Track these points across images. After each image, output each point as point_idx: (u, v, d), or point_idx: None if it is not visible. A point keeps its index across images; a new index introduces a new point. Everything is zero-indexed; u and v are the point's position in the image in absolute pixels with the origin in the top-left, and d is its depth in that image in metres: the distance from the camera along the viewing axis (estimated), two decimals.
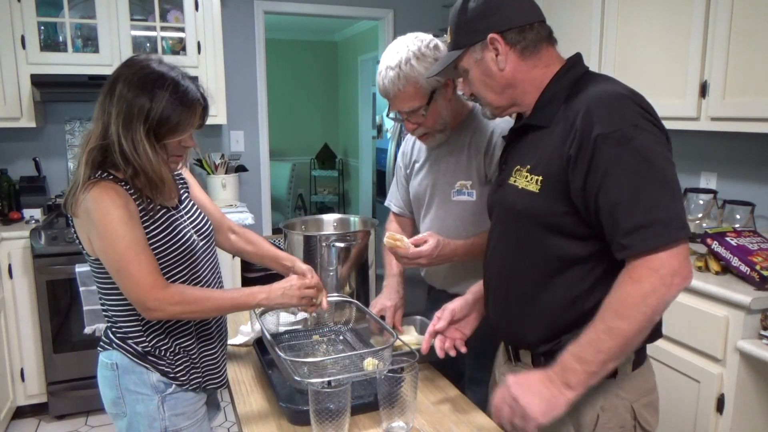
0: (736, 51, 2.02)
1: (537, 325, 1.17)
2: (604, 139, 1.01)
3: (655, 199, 1.00)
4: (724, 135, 2.38)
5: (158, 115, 1.22)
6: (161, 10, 3.20)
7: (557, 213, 1.10)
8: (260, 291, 1.35)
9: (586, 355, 1.02)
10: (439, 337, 1.35)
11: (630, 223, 0.99)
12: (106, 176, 1.25)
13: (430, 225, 1.70)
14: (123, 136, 1.22)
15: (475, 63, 1.20)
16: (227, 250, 1.60)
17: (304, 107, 7.37)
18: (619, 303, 1.00)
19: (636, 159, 1.00)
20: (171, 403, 1.35)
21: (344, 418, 1.16)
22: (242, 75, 3.80)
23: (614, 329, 1.00)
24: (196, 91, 1.29)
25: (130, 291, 1.24)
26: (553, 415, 1.04)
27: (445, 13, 4.18)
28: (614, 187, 1.01)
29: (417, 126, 1.58)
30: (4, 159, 3.28)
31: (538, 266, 1.15)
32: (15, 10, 2.89)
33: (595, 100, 1.06)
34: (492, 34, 1.16)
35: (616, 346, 1.01)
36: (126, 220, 1.22)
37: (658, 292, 0.98)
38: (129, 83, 1.22)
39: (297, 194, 7.25)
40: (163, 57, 1.32)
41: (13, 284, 2.82)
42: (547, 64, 1.18)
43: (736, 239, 1.95)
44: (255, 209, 3.85)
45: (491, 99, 1.23)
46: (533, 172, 1.13)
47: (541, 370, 1.08)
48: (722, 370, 1.84)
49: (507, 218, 1.22)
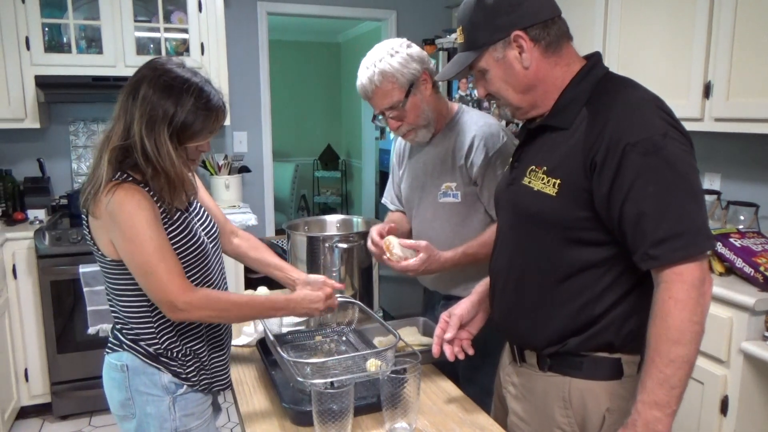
0: (739, 51, 2.01)
1: (545, 328, 1.16)
2: (633, 147, 1.00)
3: (684, 209, 0.99)
4: (727, 136, 2.37)
5: (182, 119, 1.25)
6: (165, 11, 3.20)
7: (574, 218, 1.08)
8: (284, 308, 1.41)
9: (662, 398, 0.99)
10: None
11: (658, 233, 0.99)
12: (127, 178, 1.26)
13: (419, 226, 1.75)
14: (146, 137, 1.23)
15: (496, 62, 1.15)
16: (229, 254, 1.61)
17: (307, 108, 7.38)
18: (671, 330, 0.99)
19: (665, 168, 0.99)
20: (182, 404, 1.36)
21: (347, 418, 1.16)
22: (245, 76, 3.80)
23: (677, 359, 0.98)
24: (218, 98, 1.32)
25: (158, 293, 1.24)
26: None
27: (447, 14, 4.18)
28: (642, 197, 1.00)
29: (400, 123, 1.61)
30: (8, 160, 3.29)
31: (549, 269, 1.14)
32: (19, 11, 2.90)
33: (623, 107, 1.04)
34: (516, 31, 1.11)
35: (685, 374, 1.00)
36: (153, 222, 1.23)
37: (700, 305, 0.99)
38: (154, 86, 1.24)
39: (300, 195, 7.25)
40: (185, 60, 1.34)
41: (18, 285, 2.82)
42: (567, 63, 1.15)
43: (740, 240, 1.95)
44: (258, 210, 3.85)
45: (514, 99, 1.18)
46: (551, 174, 1.11)
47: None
48: (726, 371, 1.83)
49: (518, 219, 1.20)
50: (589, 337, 1.12)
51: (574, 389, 1.15)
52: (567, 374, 1.16)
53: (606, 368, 1.13)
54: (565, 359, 1.16)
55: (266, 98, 3.90)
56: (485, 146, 1.59)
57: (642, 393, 1.01)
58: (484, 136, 1.60)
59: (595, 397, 1.13)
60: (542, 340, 1.17)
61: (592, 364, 1.14)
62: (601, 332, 1.11)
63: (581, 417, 1.15)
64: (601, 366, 1.13)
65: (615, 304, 1.10)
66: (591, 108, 1.09)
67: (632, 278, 1.09)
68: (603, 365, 1.13)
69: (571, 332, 1.13)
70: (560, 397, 1.16)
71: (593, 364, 1.14)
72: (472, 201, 1.63)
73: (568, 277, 1.12)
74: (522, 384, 1.25)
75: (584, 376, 1.14)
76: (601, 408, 1.13)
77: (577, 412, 1.15)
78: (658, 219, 0.99)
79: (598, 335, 1.12)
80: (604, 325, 1.11)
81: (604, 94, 1.09)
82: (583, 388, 1.14)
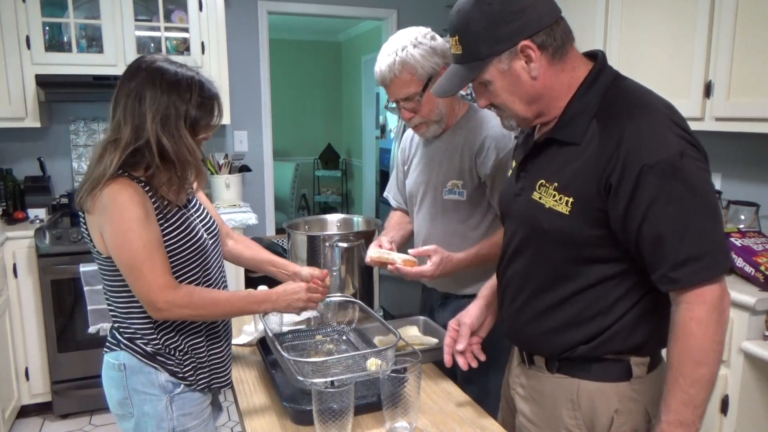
0: (740, 51, 2.01)
1: (556, 338, 1.15)
2: (650, 169, 0.98)
3: (703, 229, 0.98)
4: (728, 135, 2.37)
5: (193, 113, 1.29)
6: (165, 10, 3.20)
7: (587, 236, 1.07)
8: (265, 300, 1.39)
9: (687, 417, 0.99)
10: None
11: (678, 256, 0.98)
12: (122, 174, 1.26)
13: (421, 222, 1.74)
14: (164, 135, 1.25)
15: (501, 74, 1.08)
16: (225, 257, 1.61)
17: (307, 107, 7.38)
18: (694, 351, 0.98)
19: (683, 190, 0.98)
20: (179, 404, 1.36)
21: (347, 418, 1.16)
22: (246, 75, 3.80)
23: (699, 379, 0.98)
24: (212, 85, 1.35)
25: (141, 290, 1.25)
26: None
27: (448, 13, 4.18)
28: (660, 219, 0.98)
29: (413, 115, 1.60)
30: (9, 159, 3.29)
31: (561, 283, 1.13)
32: (20, 10, 2.90)
33: (637, 124, 1.01)
34: (524, 41, 1.04)
35: (708, 393, 1.00)
36: (143, 218, 1.24)
37: (720, 324, 0.99)
38: (159, 87, 1.26)
39: (300, 194, 7.25)
40: (167, 55, 1.35)
41: (18, 284, 2.83)
42: (572, 67, 1.10)
43: (740, 240, 1.95)
44: (258, 209, 3.85)
45: (520, 110, 1.12)
46: (563, 192, 1.08)
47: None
48: (727, 371, 1.83)
49: (529, 234, 1.17)
50: (599, 344, 1.12)
51: (583, 391, 1.15)
52: (576, 376, 1.15)
53: (615, 370, 1.13)
54: (573, 363, 1.15)
55: (267, 97, 3.90)
56: (496, 147, 1.58)
57: (667, 413, 1.01)
58: (496, 138, 1.59)
59: (604, 399, 1.13)
60: (553, 348, 1.17)
61: (600, 367, 1.13)
62: (611, 339, 1.11)
63: (589, 418, 1.14)
64: (610, 368, 1.13)
65: (626, 313, 1.10)
66: (601, 122, 1.05)
67: (644, 288, 1.09)
68: (612, 367, 1.13)
69: (582, 341, 1.13)
70: (568, 399, 1.16)
71: (602, 367, 1.13)
72: (477, 201, 1.63)
73: (581, 290, 1.11)
74: (530, 385, 1.25)
75: (593, 378, 1.14)
76: (609, 409, 1.13)
77: (586, 414, 1.14)
78: (677, 241, 0.98)
79: (607, 342, 1.11)
80: (614, 333, 1.11)
81: (614, 106, 1.06)
82: (591, 390, 1.14)
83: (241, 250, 1.62)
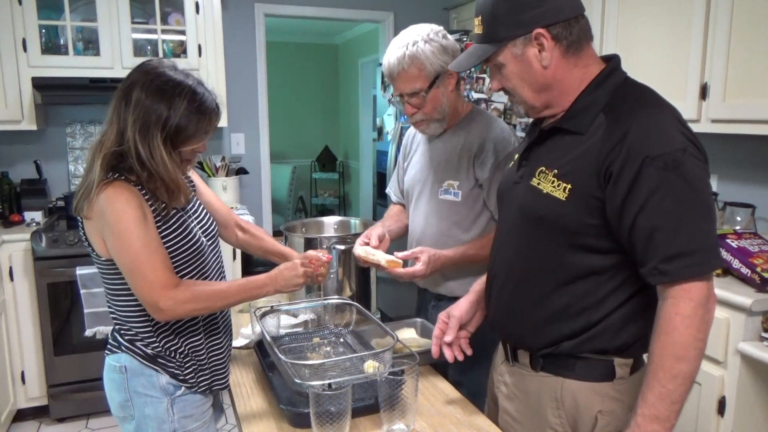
0: (736, 53, 2.02)
1: (541, 331, 1.16)
2: (653, 160, 0.99)
3: (698, 227, 1.00)
4: (724, 137, 2.38)
5: (175, 123, 1.25)
6: (162, 12, 3.20)
7: (582, 224, 1.08)
8: (266, 283, 1.37)
9: (663, 412, 1.00)
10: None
11: (671, 249, 0.99)
12: (119, 177, 1.26)
13: (414, 218, 1.75)
14: (140, 142, 1.23)
15: (514, 58, 1.11)
16: (234, 245, 1.64)
17: (304, 110, 7.38)
18: (676, 346, 0.99)
19: (682, 185, 0.99)
20: (180, 406, 1.35)
21: (345, 420, 1.16)
22: (243, 77, 3.80)
23: (679, 375, 0.99)
24: (211, 99, 1.31)
25: (143, 291, 1.24)
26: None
27: (445, 16, 4.18)
28: (657, 211, 1.00)
29: (416, 111, 1.61)
30: (5, 161, 3.28)
31: (551, 273, 1.13)
32: (16, 13, 2.90)
33: (645, 119, 1.03)
34: (538, 29, 1.07)
35: (686, 389, 1.00)
36: (140, 220, 1.23)
37: (705, 322, 1.00)
38: (146, 90, 1.24)
39: (297, 197, 7.25)
40: (176, 62, 1.33)
41: (14, 287, 2.82)
42: (586, 64, 1.12)
43: (736, 241, 1.95)
44: (255, 212, 3.85)
45: (528, 97, 1.15)
46: (562, 178, 1.09)
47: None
48: (723, 372, 1.84)
49: (524, 220, 1.18)
50: (584, 341, 1.12)
51: (567, 390, 1.15)
52: (559, 375, 1.16)
53: (598, 370, 1.14)
54: (557, 360, 1.16)
55: (263, 100, 3.90)
56: (496, 150, 1.58)
57: (642, 406, 1.02)
58: (496, 141, 1.59)
59: (587, 398, 1.13)
60: (538, 341, 1.17)
61: (584, 366, 1.14)
62: (597, 337, 1.12)
63: (573, 418, 1.15)
64: (594, 368, 1.14)
65: (614, 311, 1.10)
66: (609, 115, 1.07)
67: (634, 286, 1.09)
68: (595, 367, 1.14)
69: (567, 336, 1.13)
70: (552, 398, 1.17)
71: (586, 366, 1.14)
72: (472, 202, 1.63)
73: (571, 281, 1.12)
74: (514, 384, 1.25)
75: (576, 377, 1.15)
76: (593, 409, 1.14)
77: (569, 413, 1.15)
78: (671, 235, 0.99)
79: (593, 339, 1.12)
80: (600, 330, 1.11)
81: (624, 102, 1.07)
82: (575, 389, 1.15)
83: (249, 240, 1.63)
